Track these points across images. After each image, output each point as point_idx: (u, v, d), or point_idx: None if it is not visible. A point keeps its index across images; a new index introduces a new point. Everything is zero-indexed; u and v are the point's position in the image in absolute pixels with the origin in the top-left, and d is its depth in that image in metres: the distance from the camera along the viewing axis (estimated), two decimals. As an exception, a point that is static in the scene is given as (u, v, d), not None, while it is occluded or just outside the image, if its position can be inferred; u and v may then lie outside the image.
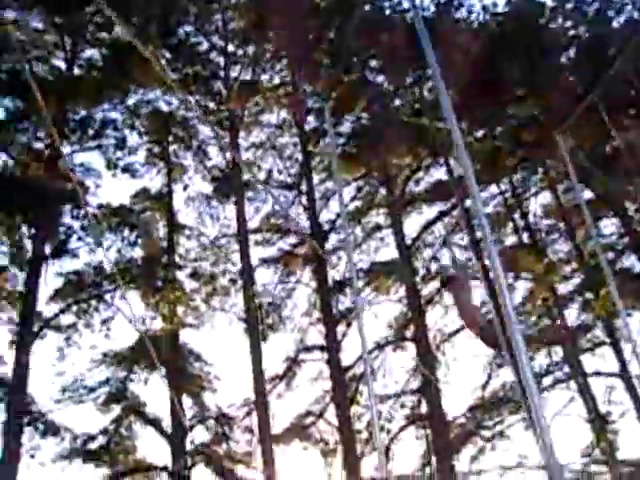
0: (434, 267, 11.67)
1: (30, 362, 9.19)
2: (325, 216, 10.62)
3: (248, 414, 10.79)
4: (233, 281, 10.76)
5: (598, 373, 11.66)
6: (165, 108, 10.67)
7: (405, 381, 11.32)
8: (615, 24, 11.43)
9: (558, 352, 11.91)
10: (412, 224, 11.94)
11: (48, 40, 10.28)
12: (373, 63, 10.88)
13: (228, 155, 10.51)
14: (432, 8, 11.04)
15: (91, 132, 10.31)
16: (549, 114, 10.17)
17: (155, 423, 10.69)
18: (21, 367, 9.02)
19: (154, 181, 10.81)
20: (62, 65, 10.40)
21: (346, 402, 10.14)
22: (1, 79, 9.91)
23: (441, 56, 9.05)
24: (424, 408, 10.97)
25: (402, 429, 11.05)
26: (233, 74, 10.87)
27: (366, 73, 10.92)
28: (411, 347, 11.17)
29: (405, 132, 10.10)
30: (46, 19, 10.24)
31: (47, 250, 10.12)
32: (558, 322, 11.25)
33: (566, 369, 11.71)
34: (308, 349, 11.06)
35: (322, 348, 10.90)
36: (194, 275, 10.80)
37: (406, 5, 10.85)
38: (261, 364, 10.07)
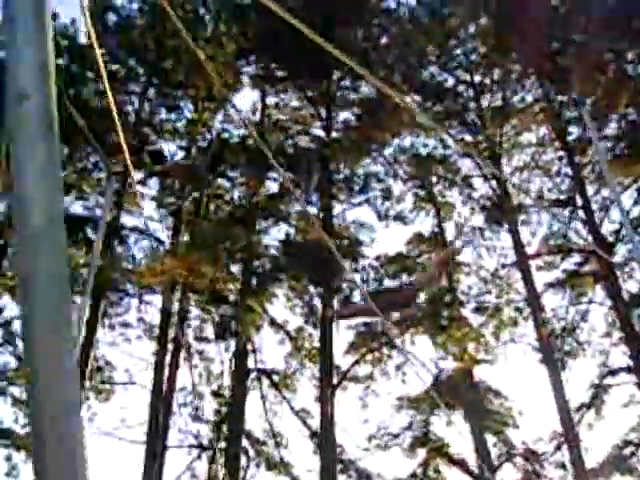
0: None
1: (334, 413, 15.77)
2: (609, 227, 15.64)
3: (558, 448, 15.99)
4: (519, 310, 16.35)
5: None
6: (423, 150, 16.99)
7: None
8: None
9: None
10: None
11: (305, 114, 17.50)
12: (629, 55, 15.85)
13: (494, 183, 16.30)
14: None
15: (357, 188, 17.09)
16: None
17: (461, 464, 16.55)
18: (326, 418, 15.61)
19: (425, 224, 17.12)
20: (321, 133, 17.49)
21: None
22: (272, 157, 17.27)
23: None
24: None
25: None
26: (484, 103, 16.85)
27: (622, 65, 15.91)
28: None
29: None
30: (301, 96, 17.48)
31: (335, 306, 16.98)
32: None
33: None
34: (613, 372, 15.97)
35: (629, 369, 15.69)
36: (478, 310, 16.66)
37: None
38: (564, 393, 15.26)
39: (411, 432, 16.79)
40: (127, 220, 17.42)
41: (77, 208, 16.61)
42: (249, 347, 16.48)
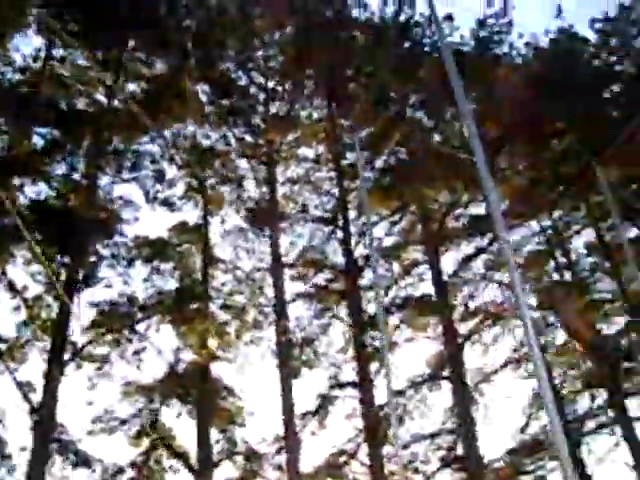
0: (472, 304, 20.11)
1: (59, 391, 17.25)
2: (362, 251, 18.98)
3: (279, 451, 18.99)
4: (265, 315, 19.11)
5: (644, 418, 20.05)
6: (204, 142, 19.11)
7: (441, 422, 19.60)
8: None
9: (602, 394, 20.34)
10: (450, 260, 20.27)
11: (91, 75, 18.80)
12: (412, 99, 19.45)
13: (264, 189, 18.93)
14: (472, 43, 19.79)
15: (129, 164, 18.77)
16: (588, 146, 18.65)
17: (183, 457, 18.87)
18: (49, 395, 17.13)
19: (192, 214, 19.21)
20: (103, 99, 18.90)
21: (377, 442, 18.32)
22: (40, 110, 18.31)
23: (482, 90, 18.28)
24: (460, 450, 19.17)
25: (437, 471, 19.27)
26: (272, 109, 19.44)
27: (404, 108, 19.47)
28: (448, 386, 19.41)
29: (442, 166, 18.44)
30: (90, 56, 18.74)
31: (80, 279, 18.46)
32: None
33: (610, 413, 20.09)
34: (341, 386, 19.36)
35: (355, 385, 19.17)
36: (225, 307, 19.16)
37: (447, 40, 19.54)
38: (292, 400, 18.26)
39: (139, 420, 18.73)
40: None
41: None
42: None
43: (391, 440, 18.60)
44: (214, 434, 18.90)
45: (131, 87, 18.96)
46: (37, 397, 17.00)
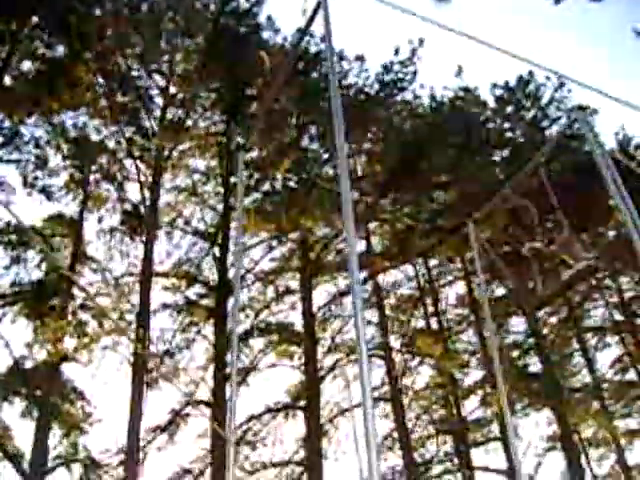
0: (339, 339, 20.40)
1: None
2: (231, 272, 18.88)
3: (121, 463, 18.38)
4: (127, 321, 18.60)
5: (486, 468, 20.89)
6: (93, 136, 18.59)
7: (293, 451, 19.63)
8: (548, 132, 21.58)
9: (450, 442, 21.05)
10: (324, 293, 20.54)
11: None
12: (311, 129, 19.75)
13: (147, 193, 18.58)
14: (375, 86, 20.39)
15: (11, 145, 17.99)
16: (464, 203, 19.52)
17: (14, 459, 17.91)
18: None
19: (70, 207, 18.55)
20: (-8, 74, 18.07)
21: (222, 464, 18.13)
22: None
23: (376, 133, 18.73)
24: (306, 481, 19.24)
25: (282, 501, 19.23)
26: (169, 115, 19.21)
27: (301, 136, 19.73)
28: (302, 416, 19.49)
29: (325, 200, 18.77)
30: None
31: None
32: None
33: (456, 460, 20.79)
34: (196, 403, 19.05)
35: (209, 404, 18.91)
36: (86, 307, 18.51)
37: (351, 80, 20.08)
38: (141, 411, 17.82)
39: (-26, 413, 17.68)
40: None
41: None
42: None
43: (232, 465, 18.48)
44: (55, 438, 18.11)
45: (26, 65, 18.12)
46: None
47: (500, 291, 21.58)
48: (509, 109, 21.96)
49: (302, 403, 19.69)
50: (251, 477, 19.40)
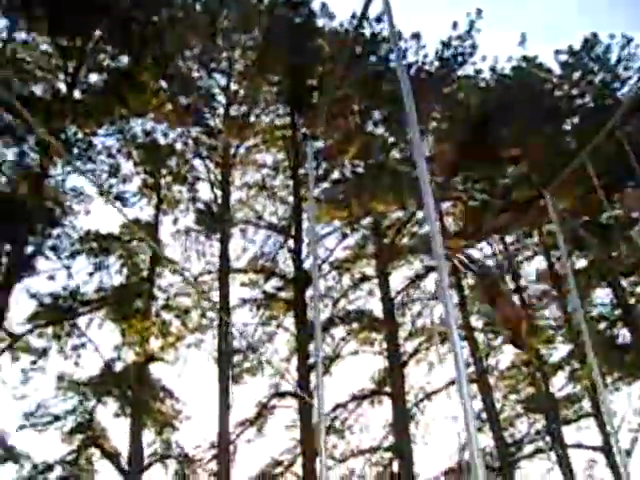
0: (419, 323, 20.25)
1: None
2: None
3: (213, 458, 18.80)
4: (209, 318, 18.97)
5: (579, 445, 20.35)
6: (162, 140, 18.98)
7: (381, 437, 19.62)
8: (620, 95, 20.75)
9: (540, 421, 20.59)
10: (401, 277, 20.39)
11: (52, 63, 18.57)
12: (375, 114, 19.62)
13: (218, 191, 18.86)
14: (435, 63, 20.07)
15: (85, 156, 18.55)
16: (538, 174, 19.00)
17: (113, 457, 18.55)
18: None
19: (145, 211, 19.03)
20: (63, 88, 18.67)
21: (313, 455, 18.25)
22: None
23: (442, 110, 18.46)
24: (396, 468, 19.21)
25: (373, 487, 19.27)
26: (233, 112, 19.42)
27: (366, 122, 19.62)
28: (389, 402, 19.45)
29: (396, 183, 18.59)
30: (53, 42, 18.52)
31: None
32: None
33: (547, 439, 20.33)
34: (281, 395, 19.27)
35: (294, 395, 19.09)
36: (168, 308, 18.97)
37: (412, 58, 19.81)
38: (229, 406, 18.14)
39: (73, 417, 18.39)
40: None
41: None
42: None
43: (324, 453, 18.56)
44: (149, 436, 18.66)
45: (93, 78, 18.66)
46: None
47: (581, 263, 20.94)
48: (576, 75, 21.20)
49: (387, 389, 19.65)
50: (341, 465, 19.48)
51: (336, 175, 19.08)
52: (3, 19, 18.72)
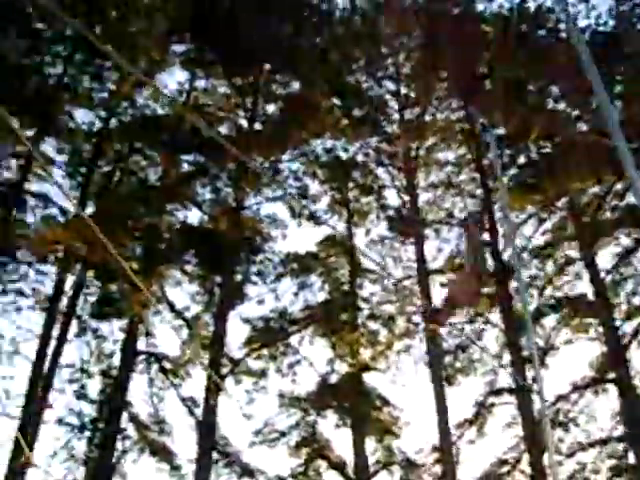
0: (636, 301, 18.85)
1: (218, 403, 17.92)
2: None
3: (437, 461, 18.73)
4: (414, 323, 19.04)
5: None
6: (343, 155, 19.48)
7: (610, 428, 18.47)
8: None
9: None
10: (608, 255, 19.12)
11: (232, 102, 19.77)
12: (551, 90, 18.72)
13: (405, 196, 18.94)
14: (610, 22, 18.76)
15: (274, 184, 19.46)
16: None
17: (339, 467, 19.08)
18: (209, 408, 17.83)
19: (337, 227, 19.58)
20: (244, 123, 19.81)
21: (540, 450, 17.56)
22: (185, 138, 19.42)
23: (624, 72, 17.19)
24: (632, 459, 17.95)
25: (610, 481, 18.15)
26: (407, 116, 19.48)
27: (543, 100, 18.77)
28: (615, 390, 18.28)
29: (589, 156, 17.54)
30: (229, 83, 19.74)
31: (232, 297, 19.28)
32: None
33: None
34: (498, 392, 18.81)
35: (511, 391, 18.55)
36: (373, 317, 19.28)
37: (582, 23, 18.67)
38: (446, 408, 17.97)
39: (297, 431, 19.22)
40: (34, 186, 19.34)
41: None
42: (142, 329, 18.64)
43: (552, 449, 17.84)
44: (370, 444, 19.00)
45: (269, 108, 19.62)
46: (200, 411, 17.93)
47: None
48: None
49: (611, 376, 18.48)
50: (569, 460, 18.57)
51: (522, 160, 18.35)
52: (184, 72, 20.26)
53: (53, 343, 17.75)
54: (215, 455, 17.98)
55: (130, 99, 19.99)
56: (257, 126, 19.40)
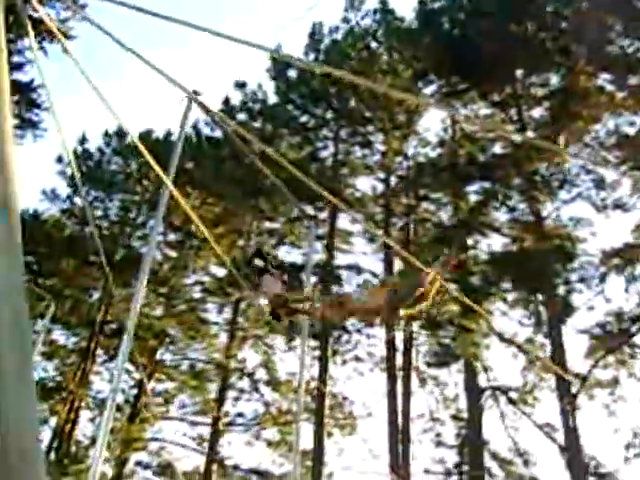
0: None
1: (577, 424, 16.60)
2: None
3: None
4: None
5: None
6: (630, 130, 17.91)
7: None
8: None
9: None
10: None
11: (495, 120, 19.51)
12: None
13: None
14: None
15: (566, 184, 18.49)
16: None
17: None
18: (570, 430, 16.53)
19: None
20: (516, 137, 19.33)
21: None
22: (461, 170, 19.43)
23: None
24: None
25: None
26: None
27: None
28: None
29: None
30: (487, 102, 19.60)
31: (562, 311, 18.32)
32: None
33: None
34: None
35: None
36: None
37: None
38: None
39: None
40: (342, 259, 20.95)
41: (295, 256, 20.83)
42: (479, 366, 18.58)
43: None
44: None
45: (535, 113, 19.01)
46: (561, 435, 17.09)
47: None
48: None
49: None
50: None
51: None
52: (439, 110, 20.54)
53: (400, 399, 18.48)
54: (590, 479, 17.03)
55: (401, 153, 20.87)
56: (529, 134, 18.75)
